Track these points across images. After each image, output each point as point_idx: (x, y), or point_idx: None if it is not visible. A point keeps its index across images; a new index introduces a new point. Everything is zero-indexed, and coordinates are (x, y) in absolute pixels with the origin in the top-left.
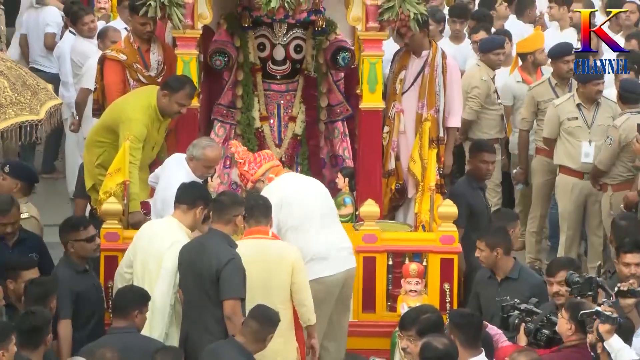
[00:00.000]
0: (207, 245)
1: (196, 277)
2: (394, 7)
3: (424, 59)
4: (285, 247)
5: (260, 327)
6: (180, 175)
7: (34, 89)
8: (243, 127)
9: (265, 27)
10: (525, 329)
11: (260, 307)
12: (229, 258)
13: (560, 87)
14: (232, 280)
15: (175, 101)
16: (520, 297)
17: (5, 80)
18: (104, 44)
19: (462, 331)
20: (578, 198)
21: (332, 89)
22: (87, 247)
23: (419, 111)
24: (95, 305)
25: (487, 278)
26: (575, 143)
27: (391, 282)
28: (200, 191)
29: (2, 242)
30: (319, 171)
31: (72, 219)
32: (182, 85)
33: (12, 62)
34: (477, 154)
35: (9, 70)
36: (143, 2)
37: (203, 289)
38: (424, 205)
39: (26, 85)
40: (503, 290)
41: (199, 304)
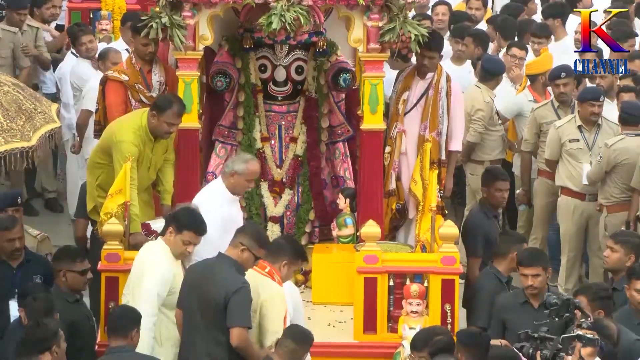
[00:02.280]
0: (217, 269)
1: (201, 300)
2: (395, 29)
3: (428, 81)
4: (265, 285)
5: (296, 347)
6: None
7: (30, 113)
8: (244, 148)
9: (267, 49)
10: (541, 356)
11: (296, 327)
12: (239, 286)
13: (562, 109)
14: (241, 309)
15: (164, 121)
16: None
17: None
18: (105, 65)
19: (470, 351)
20: (579, 220)
21: (333, 109)
22: (79, 280)
23: (421, 133)
24: (87, 336)
25: (519, 304)
26: (576, 165)
27: (392, 303)
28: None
29: (6, 265)
30: (320, 192)
31: (70, 248)
32: (170, 104)
33: (10, 86)
34: (491, 183)
35: (4, 96)
36: (145, 24)
37: (207, 313)
38: (424, 225)
39: (21, 110)
40: (542, 314)
41: (201, 327)
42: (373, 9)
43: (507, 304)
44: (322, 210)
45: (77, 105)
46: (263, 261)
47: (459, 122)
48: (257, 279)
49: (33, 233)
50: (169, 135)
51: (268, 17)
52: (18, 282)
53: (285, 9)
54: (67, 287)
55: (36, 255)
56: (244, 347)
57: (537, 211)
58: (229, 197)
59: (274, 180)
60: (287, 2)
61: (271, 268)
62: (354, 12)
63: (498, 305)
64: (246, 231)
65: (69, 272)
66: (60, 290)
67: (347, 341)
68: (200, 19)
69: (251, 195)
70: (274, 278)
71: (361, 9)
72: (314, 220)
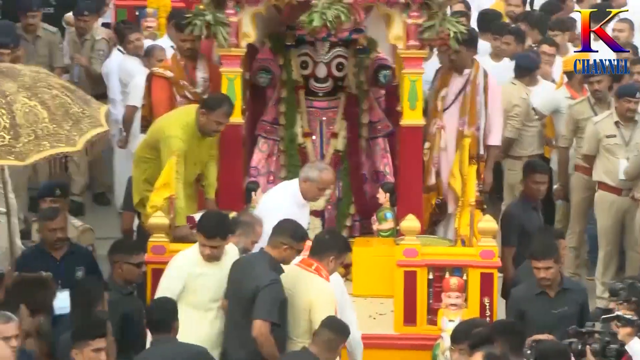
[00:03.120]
0: (253, 264)
1: (237, 293)
2: (434, 26)
3: (465, 77)
4: (314, 283)
5: (334, 337)
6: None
7: (77, 117)
8: (286, 143)
9: (308, 46)
10: (591, 350)
11: (333, 318)
12: (268, 281)
13: (598, 105)
14: (266, 303)
15: (213, 119)
16: (576, 306)
17: (45, 111)
18: (150, 62)
19: (507, 339)
20: (616, 214)
21: (373, 106)
22: (134, 272)
23: (460, 128)
24: (140, 328)
25: (535, 295)
26: (613, 160)
27: (432, 296)
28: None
29: (50, 256)
30: (360, 186)
31: (129, 241)
32: (220, 103)
33: (59, 89)
34: (529, 175)
35: (52, 100)
36: (189, 21)
37: (242, 306)
38: (464, 220)
39: (68, 114)
40: (559, 303)
41: (237, 320)
42: (412, 7)
43: (524, 296)
44: (362, 205)
45: (124, 100)
46: (310, 258)
47: (497, 116)
48: (305, 278)
49: (76, 224)
50: (217, 134)
51: (309, 15)
52: (61, 273)
53: (326, 7)
54: (122, 278)
55: (80, 247)
56: (262, 341)
57: (574, 206)
58: (300, 201)
59: None
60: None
61: (318, 264)
62: (394, 9)
63: (515, 297)
64: (285, 230)
65: (125, 264)
66: (115, 282)
67: (387, 333)
68: (243, 16)
69: None
70: (322, 274)
71: (401, 7)
72: (355, 214)
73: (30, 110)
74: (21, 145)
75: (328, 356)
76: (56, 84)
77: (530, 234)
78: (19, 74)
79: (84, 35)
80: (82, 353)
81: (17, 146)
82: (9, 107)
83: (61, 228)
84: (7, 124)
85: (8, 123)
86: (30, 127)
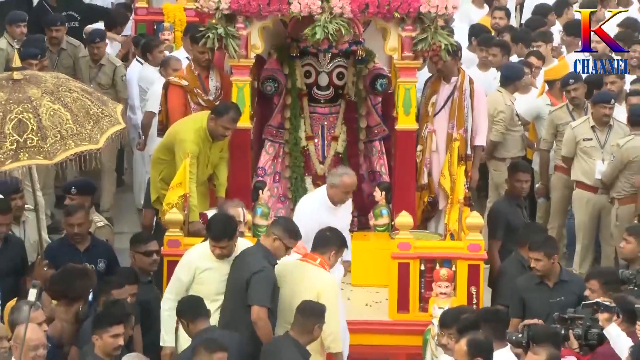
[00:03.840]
0: (247, 255)
1: (232, 283)
2: (426, 39)
3: (453, 85)
4: (318, 274)
5: (306, 320)
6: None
7: (97, 117)
8: (291, 146)
9: (311, 57)
10: (574, 334)
11: (306, 302)
12: (259, 268)
13: (576, 111)
14: (258, 288)
15: (220, 124)
16: (573, 296)
17: (68, 113)
18: (167, 72)
19: (491, 326)
20: (592, 211)
21: (370, 111)
22: (144, 260)
23: (449, 131)
24: (158, 315)
25: (535, 284)
26: (590, 161)
27: (423, 286)
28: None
29: (74, 248)
30: (359, 186)
31: (138, 233)
32: (227, 111)
33: (79, 92)
34: (514, 174)
35: (73, 102)
36: (203, 34)
37: (236, 295)
38: (453, 216)
39: (89, 115)
40: (556, 293)
41: (231, 309)
42: (407, 21)
43: (526, 285)
44: (360, 202)
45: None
46: (313, 253)
47: (483, 119)
48: (311, 271)
49: (96, 219)
50: (225, 138)
51: (312, 28)
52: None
53: (328, 21)
54: (137, 268)
55: (101, 241)
56: (261, 325)
57: (554, 203)
58: (328, 205)
59: (317, 175)
60: (330, 14)
61: (322, 259)
62: (390, 23)
63: (518, 285)
64: (279, 223)
65: (136, 254)
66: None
67: (383, 319)
68: (252, 30)
69: (297, 189)
70: (326, 268)
71: (396, 21)
72: (353, 211)
73: (54, 112)
74: (49, 146)
75: (306, 338)
76: (76, 87)
77: (514, 228)
78: (42, 80)
79: (98, 61)
80: (101, 338)
81: (45, 146)
82: (35, 111)
83: (79, 224)
84: (35, 126)
85: (35, 126)
86: (56, 129)
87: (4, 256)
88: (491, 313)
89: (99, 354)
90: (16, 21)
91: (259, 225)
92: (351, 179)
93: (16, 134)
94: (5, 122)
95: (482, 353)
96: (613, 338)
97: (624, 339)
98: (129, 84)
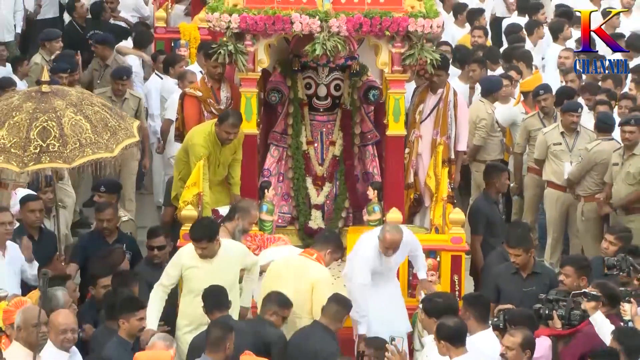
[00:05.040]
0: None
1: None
2: (414, 54)
3: (439, 96)
4: (311, 267)
5: (340, 308)
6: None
7: (114, 129)
8: (293, 150)
9: (311, 70)
10: (558, 315)
11: (338, 294)
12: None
13: (546, 119)
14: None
15: (223, 130)
16: (544, 287)
17: (88, 124)
18: (183, 84)
19: (475, 308)
20: (562, 207)
21: (364, 119)
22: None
23: (434, 137)
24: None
25: (511, 274)
26: (559, 163)
27: (411, 274)
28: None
29: (104, 240)
30: (354, 185)
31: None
32: (227, 118)
33: (100, 106)
34: (500, 175)
35: (94, 115)
36: (215, 50)
37: None
38: (437, 212)
39: (107, 127)
40: (529, 283)
41: None
42: (396, 39)
43: (501, 273)
44: (355, 200)
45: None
46: (311, 248)
47: (464, 127)
48: (307, 262)
49: (121, 214)
50: (229, 142)
51: (312, 45)
52: None
53: (326, 39)
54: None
55: (127, 235)
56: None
57: (527, 201)
58: (377, 252)
59: (317, 176)
60: (328, 33)
61: (318, 255)
62: (381, 41)
63: (494, 274)
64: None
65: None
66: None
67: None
68: (258, 46)
69: (299, 188)
70: (320, 262)
71: (387, 39)
72: (349, 208)
73: (76, 123)
74: (68, 151)
75: (337, 325)
76: (97, 102)
77: (493, 223)
78: (67, 93)
79: (121, 97)
80: (128, 322)
81: (65, 152)
82: (59, 120)
83: (109, 219)
84: (57, 134)
85: (57, 133)
86: (76, 137)
87: (39, 246)
88: (474, 297)
89: (122, 336)
90: (53, 38)
91: (264, 220)
92: (391, 236)
93: (40, 139)
94: (31, 129)
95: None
96: (598, 324)
97: (608, 325)
98: (148, 95)
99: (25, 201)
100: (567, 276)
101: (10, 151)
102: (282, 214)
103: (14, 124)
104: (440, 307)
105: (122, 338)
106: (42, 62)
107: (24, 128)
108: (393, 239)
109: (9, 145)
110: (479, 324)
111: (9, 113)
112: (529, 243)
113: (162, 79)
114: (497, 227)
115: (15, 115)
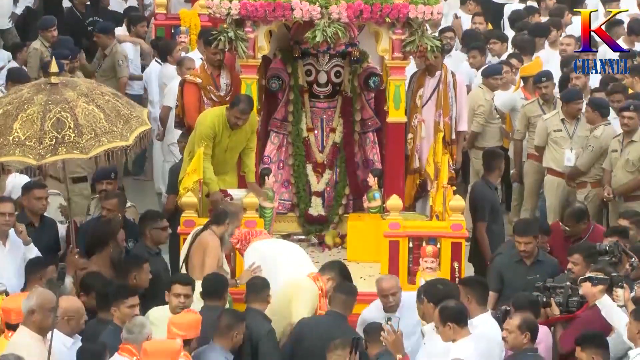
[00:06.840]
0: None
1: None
2: (414, 41)
3: (437, 78)
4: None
5: (347, 298)
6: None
7: (127, 118)
8: (293, 137)
9: (312, 57)
10: (555, 302)
11: (345, 283)
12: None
13: (546, 105)
14: None
15: (232, 115)
16: (546, 275)
17: (101, 113)
18: (182, 70)
19: (475, 291)
20: (562, 194)
21: (364, 106)
22: (161, 234)
23: (436, 119)
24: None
25: (515, 262)
26: (559, 150)
27: (411, 261)
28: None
29: None
30: (354, 172)
31: (152, 211)
32: (237, 103)
33: (111, 95)
34: (492, 161)
35: (106, 104)
36: (215, 37)
37: None
38: (438, 199)
39: (120, 115)
40: (532, 271)
41: None
42: (397, 25)
43: (505, 262)
44: (355, 187)
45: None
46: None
47: (464, 107)
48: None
49: None
50: (238, 127)
51: (313, 32)
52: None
53: (326, 26)
54: (151, 241)
55: (132, 223)
56: None
57: (527, 187)
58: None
59: (317, 163)
60: (328, 19)
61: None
62: (382, 27)
63: (497, 263)
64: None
65: (154, 230)
66: (145, 246)
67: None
68: (258, 33)
69: (299, 175)
70: (316, 282)
71: (387, 25)
72: (349, 195)
73: (89, 112)
74: (84, 142)
75: (349, 313)
76: (107, 91)
77: (495, 209)
78: (77, 84)
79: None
80: (119, 309)
81: (81, 142)
82: (72, 111)
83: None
84: (72, 124)
85: (72, 124)
86: (91, 127)
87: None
88: (475, 280)
89: (118, 323)
90: (47, 27)
91: (265, 207)
92: (383, 284)
93: (55, 131)
94: (45, 120)
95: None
96: (607, 307)
97: (616, 309)
98: (148, 82)
99: (30, 188)
100: (575, 264)
101: (26, 144)
102: (283, 200)
103: (27, 116)
104: (441, 293)
105: (118, 325)
106: (42, 47)
107: (37, 120)
108: (383, 284)
109: (23, 138)
110: (478, 306)
111: (20, 106)
112: (537, 230)
113: (161, 65)
114: (499, 213)
115: (27, 107)
